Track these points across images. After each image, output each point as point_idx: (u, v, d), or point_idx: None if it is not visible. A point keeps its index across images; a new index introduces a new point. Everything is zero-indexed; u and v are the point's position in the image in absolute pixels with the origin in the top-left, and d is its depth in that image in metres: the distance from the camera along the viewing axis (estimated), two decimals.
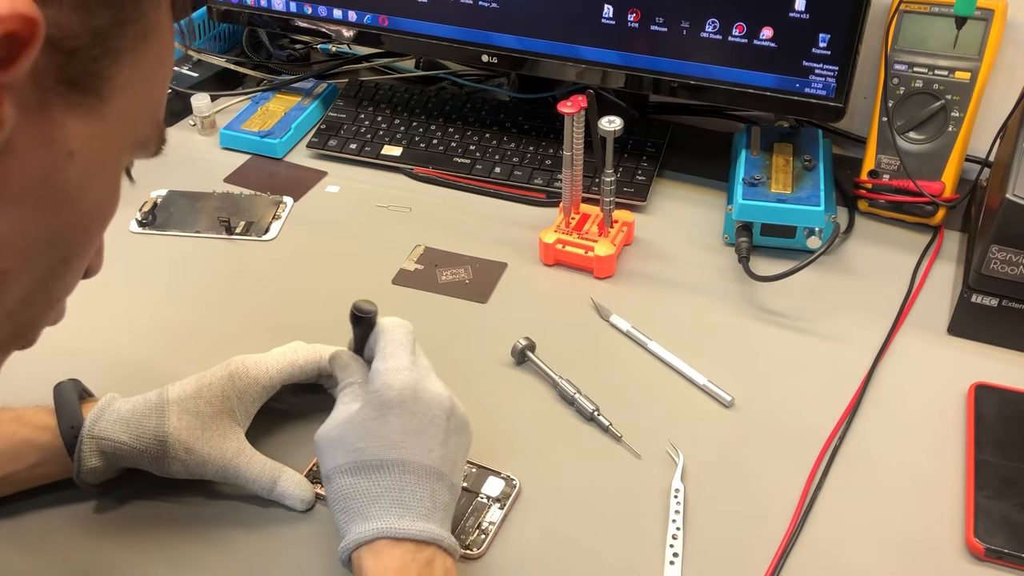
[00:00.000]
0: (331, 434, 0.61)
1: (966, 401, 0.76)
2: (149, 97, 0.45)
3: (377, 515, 0.57)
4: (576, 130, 0.85)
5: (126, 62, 0.40)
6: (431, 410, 0.60)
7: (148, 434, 0.66)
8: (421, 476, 0.58)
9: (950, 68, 0.90)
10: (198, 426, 0.67)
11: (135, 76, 0.41)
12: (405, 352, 0.62)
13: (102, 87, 0.40)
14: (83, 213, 0.43)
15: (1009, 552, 0.64)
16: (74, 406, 0.67)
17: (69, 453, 0.66)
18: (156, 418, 0.66)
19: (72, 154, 0.40)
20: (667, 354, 0.81)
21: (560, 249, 0.91)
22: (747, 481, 0.71)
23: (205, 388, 0.68)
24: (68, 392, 0.68)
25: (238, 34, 1.29)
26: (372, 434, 0.59)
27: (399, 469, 0.58)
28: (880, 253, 0.93)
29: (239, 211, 1.00)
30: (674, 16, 0.94)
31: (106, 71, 0.40)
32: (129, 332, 0.85)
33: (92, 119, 0.40)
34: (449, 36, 1.04)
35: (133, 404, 0.67)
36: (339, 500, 0.59)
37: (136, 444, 0.66)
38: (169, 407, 0.67)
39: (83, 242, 0.45)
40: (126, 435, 0.66)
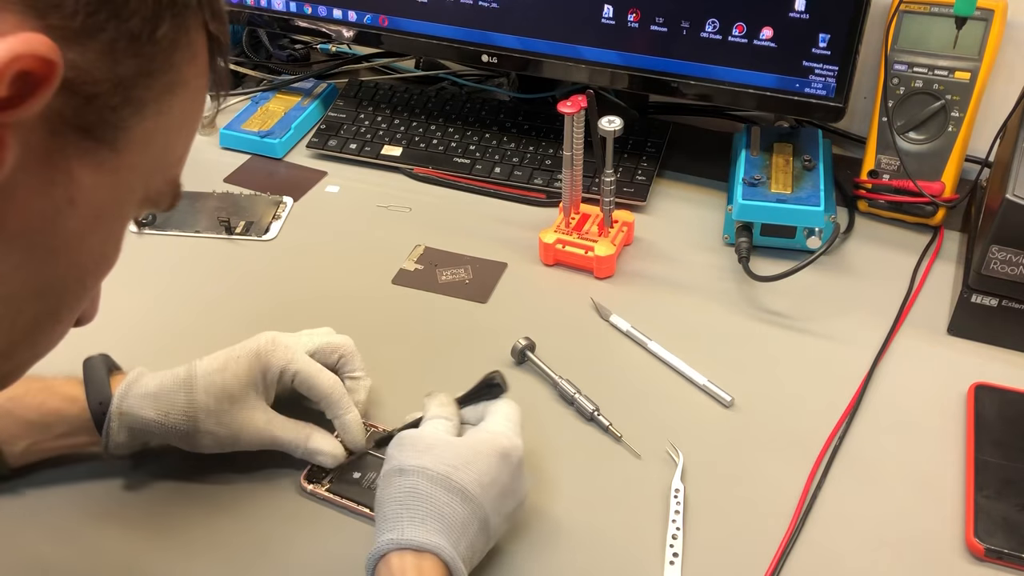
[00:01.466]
0: (426, 439, 0.62)
1: (966, 401, 0.76)
2: (168, 153, 0.42)
3: (437, 531, 0.57)
4: (576, 130, 0.85)
5: (148, 114, 0.38)
6: (518, 486, 0.63)
7: (177, 411, 0.66)
8: (483, 528, 0.60)
9: (950, 68, 0.90)
10: (227, 400, 0.67)
11: (156, 130, 0.39)
12: (515, 423, 0.65)
13: (117, 137, 0.38)
14: (78, 265, 0.41)
15: (1009, 552, 0.64)
16: (102, 381, 0.67)
17: (97, 428, 0.67)
18: (184, 394, 0.67)
19: (73, 202, 0.38)
20: (667, 354, 0.81)
21: (560, 249, 0.91)
22: (747, 481, 0.71)
23: (232, 362, 0.68)
24: (97, 367, 0.68)
25: (238, 34, 1.28)
26: (471, 464, 0.60)
27: (474, 508, 0.59)
28: (880, 253, 0.93)
29: (239, 211, 1.00)
30: (674, 16, 0.94)
31: (124, 121, 0.38)
32: (129, 332, 0.85)
33: (101, 169, 0.38)
34: (449, 36, 1.04)
35: (160, 380, 0.67)
36: (407, 495, 0.59)
37: (164, 421, 0.66)
38: (196, 382, 0.67)
39: (76, 294, 0.43)
40: (154, 412, 0.66)
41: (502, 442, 0.62)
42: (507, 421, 0.64)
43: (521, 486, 0.64)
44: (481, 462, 0.60)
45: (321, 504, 0.69)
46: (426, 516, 0.58)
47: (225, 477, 0.71)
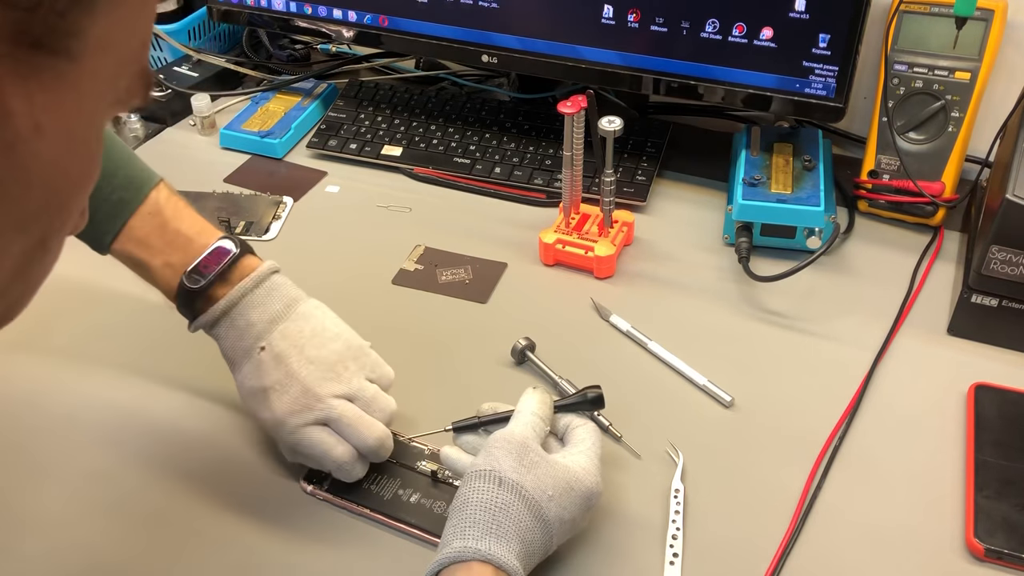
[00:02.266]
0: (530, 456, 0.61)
1: (966, 401, 0.76)
2: (129, 46, 0.37)
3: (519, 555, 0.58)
4: (576, 130, 0.85)
5: (100, 11, 0.34)
6: (583, 522, 0.64)
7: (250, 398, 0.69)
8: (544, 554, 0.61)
9: (950, 68, 0.90)
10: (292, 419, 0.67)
11: (112, 25, 0.35)
12: (599, 459, 0.65)
13: (72, 44, 0.33)
14: (58, 190, 0.37)
15: (1009, 552, 0.64)
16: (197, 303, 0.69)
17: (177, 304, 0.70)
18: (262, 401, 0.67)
19: (39, 128, 0.34)
20: (667, 354, 0.81)
21: (560, 249, 0.91)
22: (747, 481, 0.71)
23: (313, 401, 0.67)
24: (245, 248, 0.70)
25: (238, 34, 1.29)
26: (562, 500, 0.60)
27: (548, 542, 0.60)
28: (880, 253, 0.93)
29: (239, 211, 1.00)
30: (674, 16, 0.94)
31: (76, 24, 0.33)
32: (128, 332, 0.85)
33: (62, 84, 0.34)
34: (449, 36, 1.04)
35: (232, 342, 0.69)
36: (494, 506, 0.59)
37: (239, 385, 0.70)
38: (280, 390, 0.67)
39: (60, 218, 0.39)
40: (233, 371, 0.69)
41: (591, 485, 0.62)
42: (595, 457, 0.64)
43: (586, 522, 0.65)
44: (569, 499, 0.61)
45: (321, 505, 0.69)
46: (511, 537, 0.58)
47: (225, 477, 0.71)
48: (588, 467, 0.63)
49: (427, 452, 0.72)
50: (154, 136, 1.13)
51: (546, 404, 0.66)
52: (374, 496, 0.69)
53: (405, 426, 0.74)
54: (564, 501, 0.61)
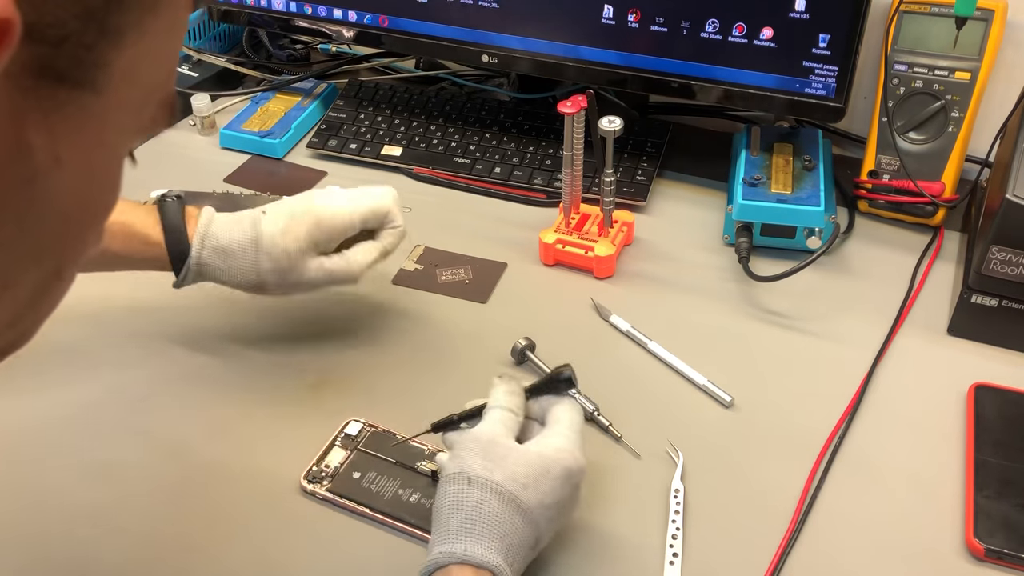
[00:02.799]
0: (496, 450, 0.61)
1: (966, 401, 0.76)
2: (157, 75, 0.36)
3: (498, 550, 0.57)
4: (576, 130, 0.85)
5: (128, 42, 0.32)
6: (573, 505, 0.63)
7: (243, 269, 0.76)
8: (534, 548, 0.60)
9: (950, 68, 0.90)
10: (287, 260, 0.76)
11: (140, 55, 0.33)
12: (579, 434, 0.64)
13: (97, 76, 0.32)
14: (75, 221, 0.36)
15: (1009, 552, 0.64)
16: (181, 235, 0.76)
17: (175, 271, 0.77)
18: (252, 252, 0.76)
19: (59, 161, 0.33)
20: (667, 354, 0.81)
21: (560, 249, 0.91)
22: (747, 481, 0.71)
23: (294, 226, 0.76)
24: (173, 217, 0.76)
25: (238, 34, 1.29)
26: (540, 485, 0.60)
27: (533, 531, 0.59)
28: (880, 253, 0.93)
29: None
30: (674, 16, 0.94)
31: (103, 57, 0.32)
32: (128, 332, 0.85)
33: (85, 117, 0.33)
34: (449, 36, 1.04)
35: (229, 233, 0.76)
36: (473, 511, 0.58)
37: (233, 273, 0.76)
38: (262, 244, 0.75)
39: (76, 249, 0.38)
40: (225, 264, 0.76)
41: (569, 463, 0.61)
42: (572, 433, 0.63)
43: (575, 504, 0.63)
44: (547, 483, 0.60)
45: (321, 504, 0.69)
46: (491, 534, 0.57)
47: (224, 477, 0.71)
48: (563, 445, 0.62)
49: (427, 452, 0.72)
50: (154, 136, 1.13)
51: (514, 393, 0.65)
52: (374, 496, 0.69)
53: (405, 426, 0.74)
54: (543, 487, 0.59)
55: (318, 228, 0.76)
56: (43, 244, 0.35)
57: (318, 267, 0.77)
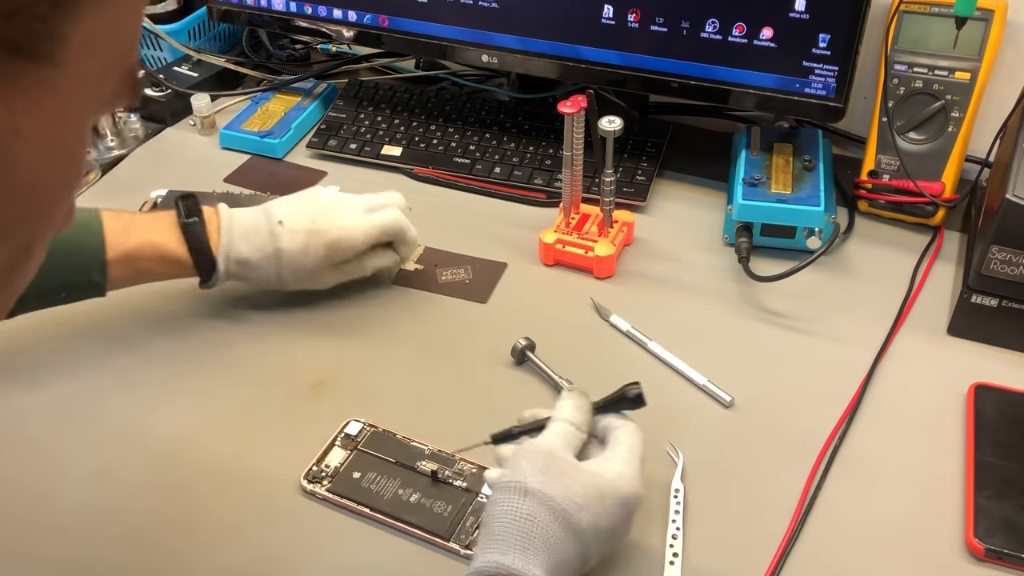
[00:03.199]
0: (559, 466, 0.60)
1: (966, 401, 0.76)
2: (116, 47, 0.36)
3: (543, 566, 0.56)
4: (576, 130, 0.85)
5: (83, 14, 0.33)
6: (624, 530, 0.62)
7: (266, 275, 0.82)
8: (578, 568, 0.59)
9: (950, 68, 0.90)
10: (307, 276, 0.83)
11: (98, 27, 0.34)
12: (639, 461, 0.63)
13: (54, 50, 0.32)
14: (41, 195, 0.36)
15: (1009, 552, 0.64)
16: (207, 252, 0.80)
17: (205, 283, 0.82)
18: (274, 264, 0.81)
19: (19, 133, 0.33)
20: (667, 354, 0.81)
21: (560, 249, 0.91)
22: (747, 481, 0.71)
23: (312, 247, 0.81)
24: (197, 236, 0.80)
25: (238, 34, 1.29)
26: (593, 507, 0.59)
27: (581, 552, 0.58)
28: (880, 253, 0.93)
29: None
30: (674, 16, 0.94)
31: (58, 30, 0.32)
32: (128, 332, 0.85)
33: (43, 89, 0.33)
34: (449, 36, 1.04)
35: (250, 246, 0.81)
36: (526, 523, 0.57)
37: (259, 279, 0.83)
38: (282, 260, 0.81)
39: (43, 223, 0.38)
40: (250, 273, 0.82)
41: (627, 491, 0.60)
42: (633, 459, 0.62)
43: (627, 531, 0.63)
44: (603, 507, 0.59)
45: (321, 504, 0.69)
46: (539, 549, 0.56)
47: (224, 477, 0.71)
48: (623, 472, 0.61)
49: (427, 452, 0.72)
50: (154, 136, 1.13)
51: (582, 409, 0.65)
52: (374, 496, 0.69)
53: (405, 426, 0.74)
54: (597, 509, 0.59)
55: (335, 249, 0.82)
56: (10, 219, 0.35)
57: (334, 274, 0.84)
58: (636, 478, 0.61)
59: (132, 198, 1.01)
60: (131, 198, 1.01)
